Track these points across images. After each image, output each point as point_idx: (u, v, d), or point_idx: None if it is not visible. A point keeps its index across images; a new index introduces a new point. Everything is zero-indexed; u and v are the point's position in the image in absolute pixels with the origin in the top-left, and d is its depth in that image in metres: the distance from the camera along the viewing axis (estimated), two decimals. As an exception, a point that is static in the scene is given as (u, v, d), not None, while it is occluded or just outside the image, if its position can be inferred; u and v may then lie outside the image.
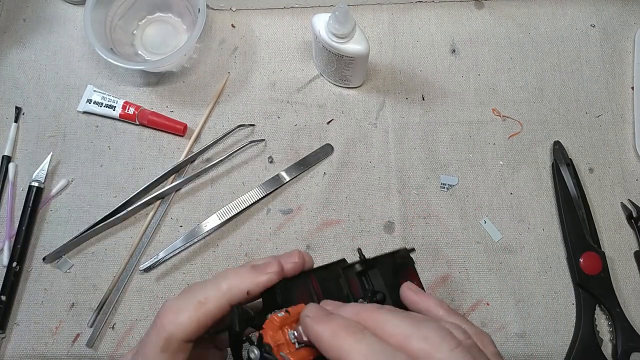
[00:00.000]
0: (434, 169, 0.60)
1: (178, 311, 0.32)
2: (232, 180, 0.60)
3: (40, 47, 0.65)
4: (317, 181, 0.60)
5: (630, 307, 0.55)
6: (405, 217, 0.58)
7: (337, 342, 0.28)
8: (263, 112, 0.63)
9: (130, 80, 0.64)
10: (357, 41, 0.55)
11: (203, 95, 0.63)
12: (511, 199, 0.59)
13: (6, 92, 0.63)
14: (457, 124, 0.62)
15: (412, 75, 0.64)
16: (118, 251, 0.58)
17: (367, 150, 0.61)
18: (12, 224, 0.58)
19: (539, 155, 0.61)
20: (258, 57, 0.65)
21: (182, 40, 0.65)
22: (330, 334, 0.28)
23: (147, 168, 0.60)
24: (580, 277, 0.55)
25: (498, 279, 0.57)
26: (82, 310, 0.56)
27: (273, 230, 0.58)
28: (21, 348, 0.55)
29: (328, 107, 0.63)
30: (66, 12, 0.66)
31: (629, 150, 0.61)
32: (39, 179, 0.58)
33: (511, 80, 0.64)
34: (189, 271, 0.57)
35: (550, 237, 0.58)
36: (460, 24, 0.66)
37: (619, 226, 0.58)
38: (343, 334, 0.28)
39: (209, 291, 0.33)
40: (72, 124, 0.62)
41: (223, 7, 0.66)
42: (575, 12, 0.66)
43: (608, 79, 0.64)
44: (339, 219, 0.59)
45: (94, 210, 0.59)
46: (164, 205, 0.59)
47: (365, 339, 0.28)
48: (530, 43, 0.65)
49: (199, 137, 0.62)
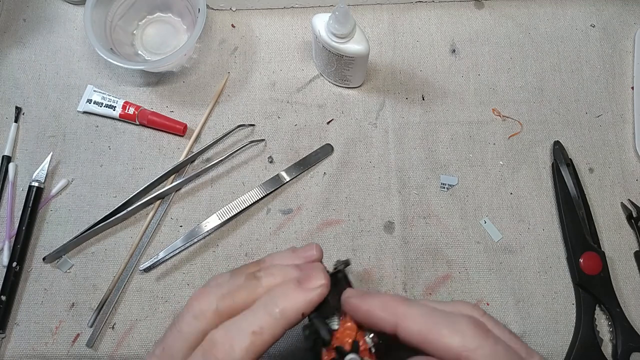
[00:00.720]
0: (434, 169, 0.60)
1: (232, 344, 0.30)
2: (232, 180, 0.60)
3: (40, 47, 0.65)
4: (317, 181, 0.60)
5: (630, 307, 0.55)
6: (405, 217, 0.59)
7: (391, 309, 0.30)
8: (263, 112, 0.63)
9: (130, 80, 0.64)
10: (357, 41, 0.55)
11: (203, 95, 0.63)
12: (511, 199, 0.59)
13: (6, 92, 0.63)
14: (457, 124, 0.62)
15: (412, 75, 0.64)
16: (118, 251, 0.58)
17: (367, 150, 0.61)
18: (12, 224, 0.58)
19: (539, 155, 0.61)
20: (258, 57, 0.65)
21: (182, 40, 0.65)
22: (381, 304, 0.30)
23: (147, 168, 0.61)
24: (580, 277, 0.55)
25: (498, 279, 0.57)
26: (82, 310, 0.56)
27: (273, 230, 0.58)
28: (21, 348, 0.55)
29: (328, 107, 0.63)
30: (66, 12, 0.66)
31: (629, 150, 0.61)
32: (39, 179, 0.58)
33: (511, 80, 0.64)
34: (189, 271, 0.57)
35: (550, 237, 0.58)
36: (460, 24, 0.66)
37: (619, 226, 0.58)
38: (393, 303, 0.30)
39: (262, 319, 0.31)
40: (72, 124, 0.62)
41: (223, 7, 0.66)
42: (575, 12, 0.66)
43: (608, 79, 0.64)
44: (339, 219, 0.59)
45: (94, 210, 0.59)
46: (164, 205, 0.59)
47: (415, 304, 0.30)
48: (530, 43, 0.65)
49: (199, 137, 0.62)
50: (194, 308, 0.32)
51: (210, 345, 0.31)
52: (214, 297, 0.32)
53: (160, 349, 0.32)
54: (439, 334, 0.29)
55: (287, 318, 0.31)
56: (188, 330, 0.32)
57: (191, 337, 0.32)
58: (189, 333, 0.32)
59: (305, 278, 0.32)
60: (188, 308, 0.33)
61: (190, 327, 0.32)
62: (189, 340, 0.32)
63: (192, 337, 0.32)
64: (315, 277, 0.32)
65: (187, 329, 0.32)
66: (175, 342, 0.32)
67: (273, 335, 0.31)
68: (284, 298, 0.31)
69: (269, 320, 0.31)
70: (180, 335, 0.32)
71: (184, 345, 0.31)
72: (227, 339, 0.30)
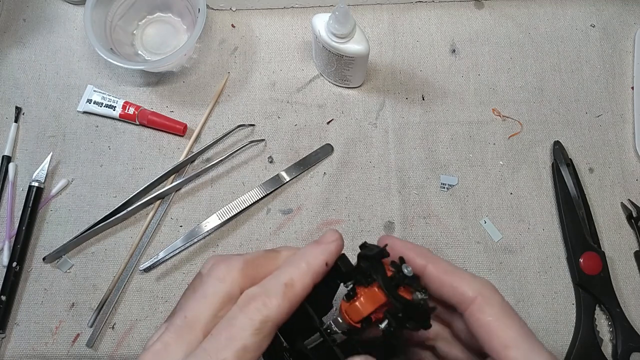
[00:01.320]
0: (434, 169, 0.60)
1: (269, 296, 0.31)
2: (232, 180, 0.60)
3: (40, 47, 0.65)
4: (317, 181, 0.60)
5: (630, 307, 0.55)
6: (405, 217, 0.59)
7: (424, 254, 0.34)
8: (263, 112, 0.63)
9: (130, 80, 0.64)
10: (357, 41, 0.55)
11: (203, 95, 0.63)
12: (511, 199, 0.59)
13: (6, 92, 0.63)
14: (457, 124, 0.62)
15: (412, 75, 0.64)
16: (118, 251, 0.58)
17: (367, 150, 0.61)
18: (12, 224, 0.58)
19: (539, 155, 0.61)
20: (258, 57, 0.65)
21: (182, 40, 0.65)
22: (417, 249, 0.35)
23: (147, 168, 0.61)
24: (580, 277, 0.55)
25: (498, 279, 0.57)
26: (82, 310, 0.56)
27: (273, 230, 0.58)
28: (21, 348, 0.55)
29: (328, 107, 0.63)
30: (66, 12, 0.66)
31: (629, 150, 0.61)
32: (39, 179, 0.58)
33: (511, 80, 0.64)
34: (189, 271, 0.57)
35: (550, 237, 0.58)
36: (460, 24, 0.66)
37: (619, 226, 0.58)
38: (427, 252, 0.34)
39: (291, 272, 0.32)
40: (72, 124, 0.62)
41: (223, 7, 0.66)
42: (575, 12, 0.66)
43: (608, 79, 0.64)
44: (339, 219, 0.59)
45: (94, 210, 0.59)
46: (164, 205, 0.59)
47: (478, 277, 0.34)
48: (530, 43, 0.65)
49: (199, 137, 0.62)
50: (218, 272, 0.32)
51: (247, 301, 0.31)
52: (236, 262, 0.32)
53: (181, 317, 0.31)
54: (460, 278, 0.33)
55: (313, 268, 0.32)
56: (213, 293, 0.31)
57: (217, 301, 0.31)
58: (215, 296, 0.31)
59: (319, 238, 0.34)
60: (211, 273, 0.32)
61: (216, 290, 0.31)
62: (215, 305, 0.31)
63: (218, 301, 0.31)
64: (327, 234, 0.34)
65: (213, 292, 0.31)
66: (199, 307, 0.31)
67: (303, 286, 0.32)
68: (305, 254, 0.33)
69: (298, 272, 0.32)
70: (205, 300, 0.31)
71: (210, 310, 0.31)
72: (262, 292, 0.31)
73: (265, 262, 0.33)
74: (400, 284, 0.32)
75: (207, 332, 0.30)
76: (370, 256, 0.33)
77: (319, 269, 0.32)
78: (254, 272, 0.32)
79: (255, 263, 0.33)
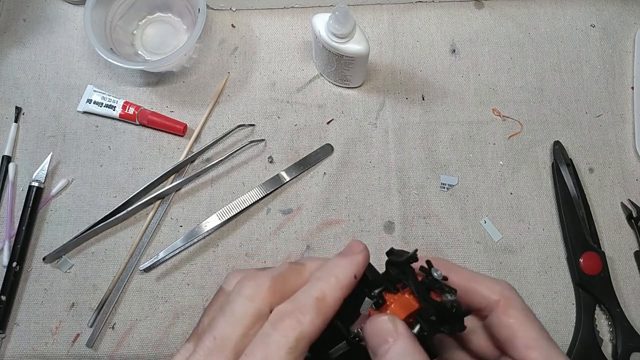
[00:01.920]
0: (434, 169, 0.60)
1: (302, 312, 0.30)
2: (232, 180, 0.60)
3: (40, 47, 0.65)
4: (317, 181, 0.60)
5: (630, 307, 0.55)
6: (405, 217, 0.59)
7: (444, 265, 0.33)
8: (263, 112, 0.63)
9: (130, 80, 0.64)
10: (357, 41, 0.55)
11: (203, 95, 0.63)
12: (511, 199, 0.59)
13: (6, 92, 0.63)
14: (457, 124, 0.62)
15: (412, 75, 0.64)
16: (118, 251, 0.58)
17: (367, 150, 0.61)
18: (12, 224, 0.58)
19: (539, 155, 0.61)
20: (258, 57, 0.65)
21: (182, 40, 0.65)
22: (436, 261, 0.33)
23: (147, 168, 0.61)
24: (580, 277, 0.55)
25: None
26: (82, 310, 0.56)
27: (273, 230, 0.58)
28: (21, 348, 0.55)
29: (328, 107, 0.63)
30: (66, 12, 0.66)
31: (629, 150, 0.61)
32: (39, 179, 0.58)
33: (511, 80, 0.64)
34: (189, 271, 0.57)
35: (550, 237, 0.58)
36: (460, 24, 0.66)
37: (619, 226, 0.58)
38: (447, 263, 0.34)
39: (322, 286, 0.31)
40: (72, 124, 0.62)
41: (223, 7, 0.66)
42: (575, 12, 0.66)
43: (608, 79, 0.64)
44: (339, 219, 0.59)
45: (94, 210, 0.59)
46: (164, 205, 0.59)
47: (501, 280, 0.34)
48: (530, 43, 0.65)
49: (199, 137, 0.62)
50: (246, 290, 0.31)
51: (280, 318, 0.30)
52: (264, 279, 0.32)
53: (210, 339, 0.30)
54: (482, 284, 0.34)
55: (342, 282, 0.32)
56: (243, 312, 0.31)
57: (247, 321, 0.30)
58: (245, 316, 0.30)
59: (345, 250, 0.34)
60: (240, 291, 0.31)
61: (246, 309, 0.31)
62: (245, 324, 0.30)
63: (249, 320, 0.30)
64: (353, 245, 0.34)
65: (242, 311, 0.31)
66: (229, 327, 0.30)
67: (335, 299, 0.31)
68: (334, 267, 0.32)
69: (328, 286, 0.31)
70: (235, 320, 0.30)
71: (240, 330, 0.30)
72: (294, 308, 0.30)
73: (292, 277, 0.33)
74: (432, 288, 0.32)
75: (238, 353, 0.30)
76: (400, 262, 0.32)
77: (348, 282, 0.32)
78: (282, 288, 0.32)
79: (282, 278, 0.32)
